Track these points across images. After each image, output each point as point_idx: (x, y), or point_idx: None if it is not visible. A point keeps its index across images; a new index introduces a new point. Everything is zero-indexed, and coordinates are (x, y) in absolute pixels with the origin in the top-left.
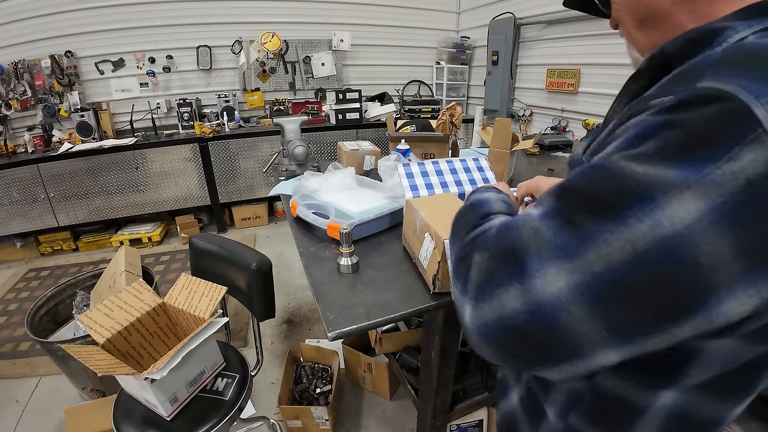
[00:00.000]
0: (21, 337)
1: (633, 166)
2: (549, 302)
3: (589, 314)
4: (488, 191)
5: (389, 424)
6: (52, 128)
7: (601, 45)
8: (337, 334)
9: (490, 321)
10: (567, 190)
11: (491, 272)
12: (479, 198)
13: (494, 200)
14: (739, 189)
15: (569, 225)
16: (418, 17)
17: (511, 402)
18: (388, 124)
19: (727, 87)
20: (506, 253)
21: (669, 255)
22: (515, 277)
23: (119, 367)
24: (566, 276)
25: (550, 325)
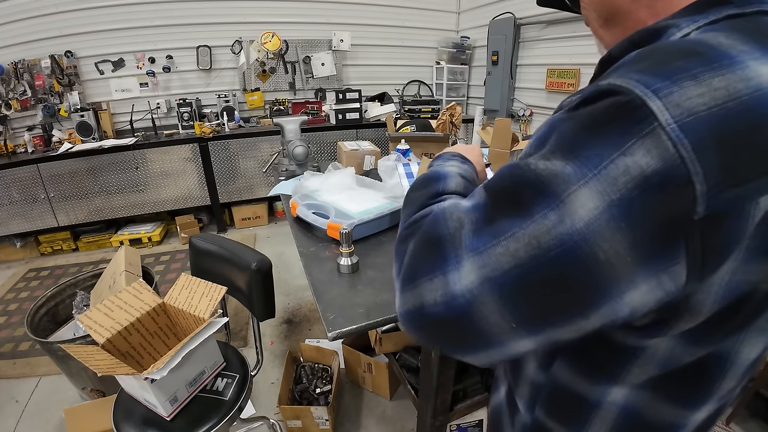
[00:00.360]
0: (21, 337)
1: (537, 163)
2: (462, 295)
3: (498, 308)
4: (452, 160)
5: (389, 424)
6: (52, 128)
7: None
8: (337, 334)
9: (412, 308)
10: (488, 187)
11: (418, 262)
12: (438, 171)
13: (452, 176)
14: (634, 184)
15: (486, 221)
16: (418, 17)
17: (499, 396)
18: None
19: (623, 82)
20: (432, 244)
21: (571, 251)
22: (437, 268)
23: (119, 367)
24: (477, 270)
25: (463, 317)
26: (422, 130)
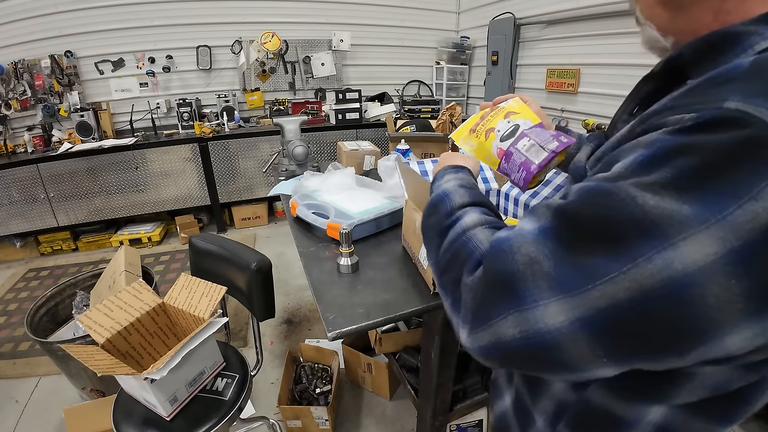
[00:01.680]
0: (21, 337)
1: (645, 197)
2: (548, 332)
3: (589, 344)
4: (445, 175)
5: (389, 424)
6: (51, 128)
7: (601, 45)
8: (337, 334)
9: (487, 344)
10: (568, 213)
11: (485, 300)
12: (438, 193)
13: (452, 190)
14: (761, 232)
15: (571, 255)
16: (418, 17)
17: (504, 404)
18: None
19: (756, 111)
20: (500, 281)
21: (677, 294)
22: (512, 306)
23: (119, 367)
24: (568, 311)
25: (548, 350)
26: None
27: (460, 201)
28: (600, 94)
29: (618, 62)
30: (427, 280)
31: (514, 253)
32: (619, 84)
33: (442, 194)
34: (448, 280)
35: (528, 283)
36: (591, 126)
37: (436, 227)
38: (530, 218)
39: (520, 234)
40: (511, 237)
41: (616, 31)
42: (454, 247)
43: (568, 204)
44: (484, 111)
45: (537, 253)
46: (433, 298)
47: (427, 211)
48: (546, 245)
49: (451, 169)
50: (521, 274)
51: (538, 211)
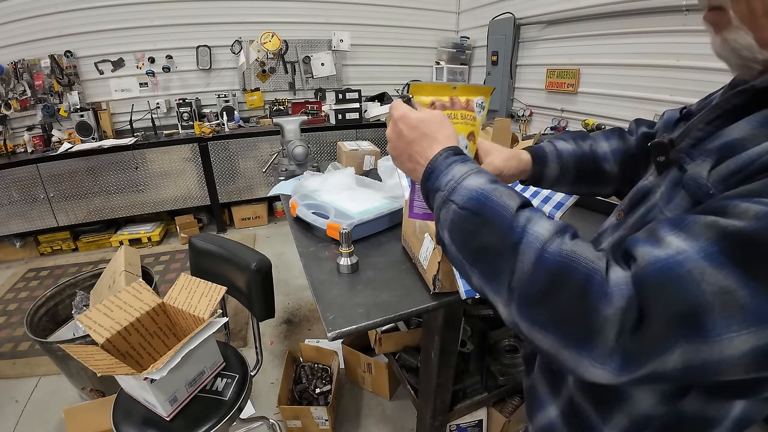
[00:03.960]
0: (20, 337)
1: None
2: (717, 362)
3: (748, 369)
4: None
5: (389, 424)
6: (51, 128)
7: (601, 45)
8: (337, 334)
9: (638, 377)
10: (756, 240)
11: (650, 335)
12: (471, 195)
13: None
14: None
15: (763, 285)
16: (418, 17)
17: (548, 415)
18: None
19: None
20: (679, 313)
21: None
22: (688, 339)
23: (119, 367)
24: (754, 341)
25: (701, 376)
26: None
27: (511, 202)
28: (600, 94)
29: (618, 62)
30: (427, 280)
31: (698, 281)
32: (619, 84)
33: (482, 197)
34: (552, 313)
35: (716, 314)
36: (591, 126)
37: (500, 245)
38: (680, 235)
39: (688, 257)
40: (679, 260)
41: (616, 31)
42: (551, 272)
43: (753, 228)
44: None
45: (727, 282)
46: (434, 298)
47: (466, 225)
48: (730, 272)
49: (454, 155)
50: (710, 305)
51: (693, 229)
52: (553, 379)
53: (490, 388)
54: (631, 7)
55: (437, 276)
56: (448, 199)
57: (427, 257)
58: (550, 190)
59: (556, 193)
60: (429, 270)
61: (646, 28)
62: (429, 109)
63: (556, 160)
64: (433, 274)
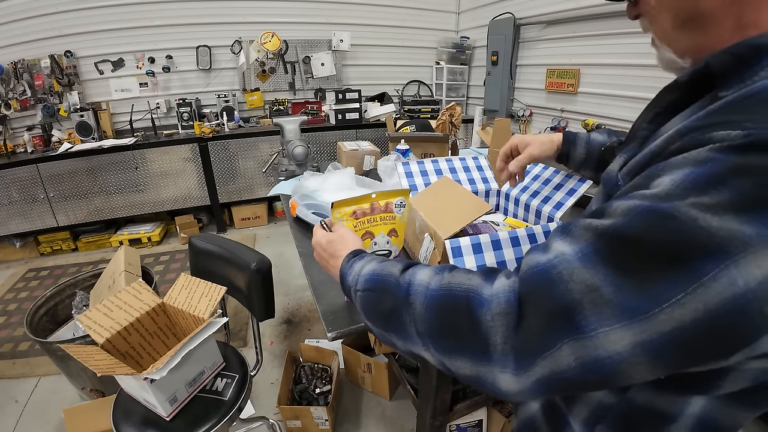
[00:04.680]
0: (20, 337)
1: (707, 219)
2: (608, 357)
3: (649, 366)
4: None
5: (389, 424)
6: (51, 128)
7: (601, 45)
8: (337, 334)
9: (540, 378)
10: (621, 235)
11: (532, 334)
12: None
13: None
14: None
15: (631, 280)
16: (418, 17)
17: (530, 409)
18: (387, 124)
19: None
20: (553, 311)
21: (738, 310)
22: (568, 335)
23: (119, 367)
24: (631, 336)
25: (606, 375)
26: (422, 130)
27: (395, 269)
28: (600, 94)
29: (618, 62)
30: None
31: (566, 282)
32: (619, 84)
33: (374, 276)
34: (453, 338)
35: (586, 311)
36: (591, 126)
37: (395, 304)
38: (565, 239)
39: (563, 259)
40: (554, 263)
41: (616, 31)
42: (438, 305)
43: (619, 225)
44: (372, 203)
45: (593, 280)
46: None
47: (370, 302)
48: (599, 270)
49: (353, 257)
50: (578, 302)
51: (575, 232)
52: None
53: None
54: None
55: None
56: (355, 290)
57: (427, 257)
58: (552, 190)
59: (556, 193)
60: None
61: None
62: (339, 227)
63: (585, 145)
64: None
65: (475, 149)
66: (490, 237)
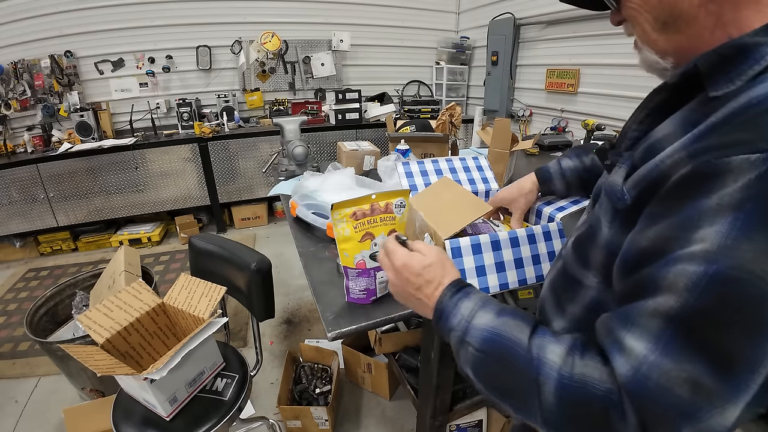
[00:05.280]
0: (20, 337)
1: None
2: (723, 428)
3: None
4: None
5: (389, 424)
6: (51, 128)
7: (601, 45)
8: (337, 334)
9: None
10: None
11: None
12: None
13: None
14: None
15: (723, 362)
16: (418, 17)
17: None
18: (387, 125)
19: None
20: (670, 417)
21: None
22: (687, 425)
23: (118, 367)
24: (741, 405)
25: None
26: (422, 131)
27: (522, 336)
28: (600, 94)
29: (618, 62)
30: None
31: (669, 389)
32: (618, 84)
33: (495, 337)
34: None
35: (698, 405)
36: (591, 126)
37: (523, 383)
38: (633, 333)
39: (650, 363)
40: (646, 372)
41: (616, 32)
42: (572, 400)
43: (689, 307)
44: (372, 204)
45: (690, 375)
46: None
47: (488, 368)
48: (691, 360)
49: (457, 291)
50: (689, 402)
51: (640, 322)
52: None
53: None
54: None
55: None
56: (463, 340)
57: None
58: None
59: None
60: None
61: None
62: (423, 245)
63: (560, 177)
64: None
65: (475, 149)
66: (489, 237)
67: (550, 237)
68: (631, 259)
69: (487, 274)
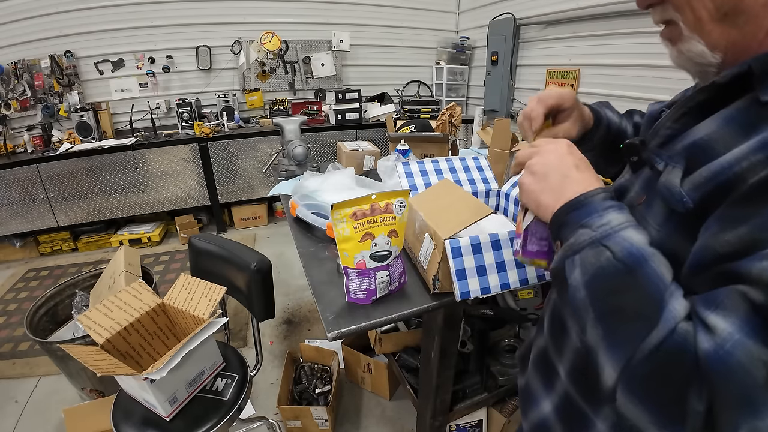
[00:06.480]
0: (20, 337)
1: None
2: None
3: None
4: (610, 210)
5: (389, 424)
6: (51, 128)
7: (601, 45)
8: (337, 335)
9: None
10: None
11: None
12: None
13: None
14: None
15: None
16: (418, 17)
17: (542, 411)
18: (387, 125)
19: None
20: (738, 402)
21: None
22: (748, 420)
23: (118, 367)
24: None
25: None
26: (422, 131)
27: (668, 274)
28: (600, 94)
29: (618, 62)
30: (427, 280)
31: (747, 371)
32: (619, 84)
33: (641, 257)
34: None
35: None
36: None
37: (639, 314)
38: (718, 313)
39: (735, 341)
40: (729, 349)
41: (616, 31)
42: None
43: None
44: (372, 204)
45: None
46: (434, 298)
47: (615, 278)
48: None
49: (611, 200)
50: (762, 388)
51: (727, 303)
52: (546, 375)
53: (490, 388)
54: (631, 7)
55: (437, 276)
56: (600, 242)
57: (427, 257)
58: None
59: None
60: (429, 270)
61: (646, 28)
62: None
63: (606, 126)
64: (433, 275)
65: (475, 149)
66: (489, 237)
67: None
68: (708, 260)
69: (488, 274)
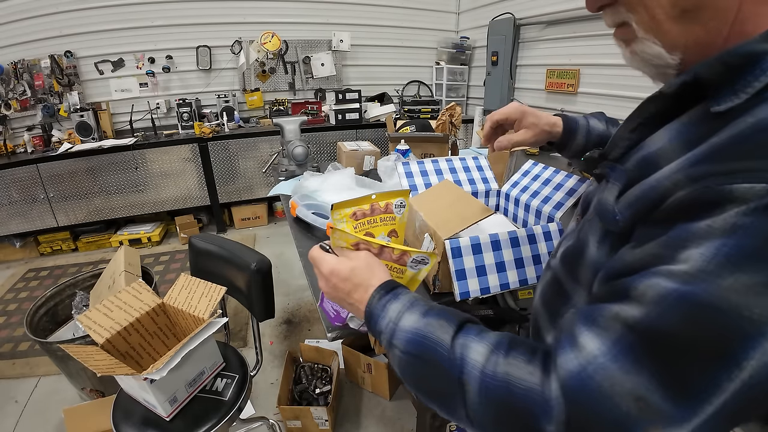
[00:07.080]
0: (20, 337)
1: (750, 305)
2: None
3: None
4: (388, 305)
5: (389, 424)
6: (51, 128)
7: (601, 45)
8: (337, 335)
9: None
10: (658, 332)
11: None
12: (409, 337)
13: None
14: None
15: (675, 381)
16: (418, 17)
17: None
18: (387, 125)
19: None
20: (609, 428)
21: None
22: None
23: (118, 367)
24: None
25: None
26: (422, 131)
27: (445, 336)
28: (600, 94)
29: (618, 62)
30: (426, 280)
31: (610, 397)
32: (618, 84)
33: (418, 338)
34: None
35: (638, 420)
36: None
37: (446, 385)
38: (591, 330)
39: (598, 366)
40: (590, 372)
41: None
42: (496, 399)
43: (652, 319)
44: (372, 204)
45: (637, 389)
46: (433, 298)
47: (414, 370)
48: (639, 374)
49: (386, 293)
50: (626, 414)
51: (601, 322)
52: None
53: None
54: None
55: (437, 276)
56: (391, 343)
57: None
58: (552, 190)
59: (556, 193)
60: (429, 270)
61: None
62: (354, 253)
63: (585, 135)
64: (433, 275)
65: (475, 149)
66: (489, 237)
67: (550, 237)
68: (613, 272)
69: (488, 274)
